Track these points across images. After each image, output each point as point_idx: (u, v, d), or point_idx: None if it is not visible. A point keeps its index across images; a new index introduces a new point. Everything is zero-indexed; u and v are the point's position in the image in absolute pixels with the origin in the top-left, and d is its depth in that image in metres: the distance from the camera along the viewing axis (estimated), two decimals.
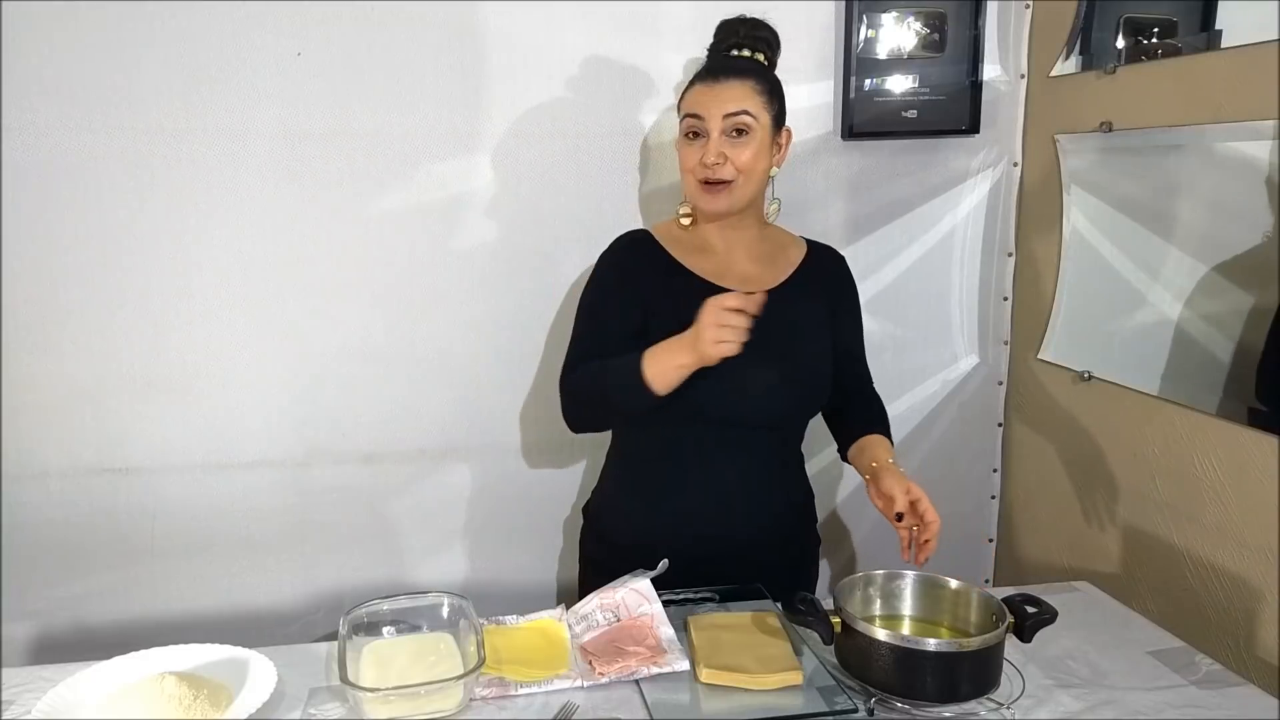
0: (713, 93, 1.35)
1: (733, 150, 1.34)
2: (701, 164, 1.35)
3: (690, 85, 1.39)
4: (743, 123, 1.34)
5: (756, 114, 1.35)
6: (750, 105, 1.34)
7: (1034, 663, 1.19)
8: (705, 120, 1.35)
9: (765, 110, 1.36)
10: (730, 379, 1.32)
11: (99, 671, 1.12)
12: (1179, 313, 1.49)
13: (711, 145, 1.34)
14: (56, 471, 1.66)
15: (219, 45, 1.59)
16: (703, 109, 1.35)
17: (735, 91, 1.35)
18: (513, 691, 1.12)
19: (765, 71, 1.41)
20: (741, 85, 1.35)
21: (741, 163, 1.35)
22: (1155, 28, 1.58)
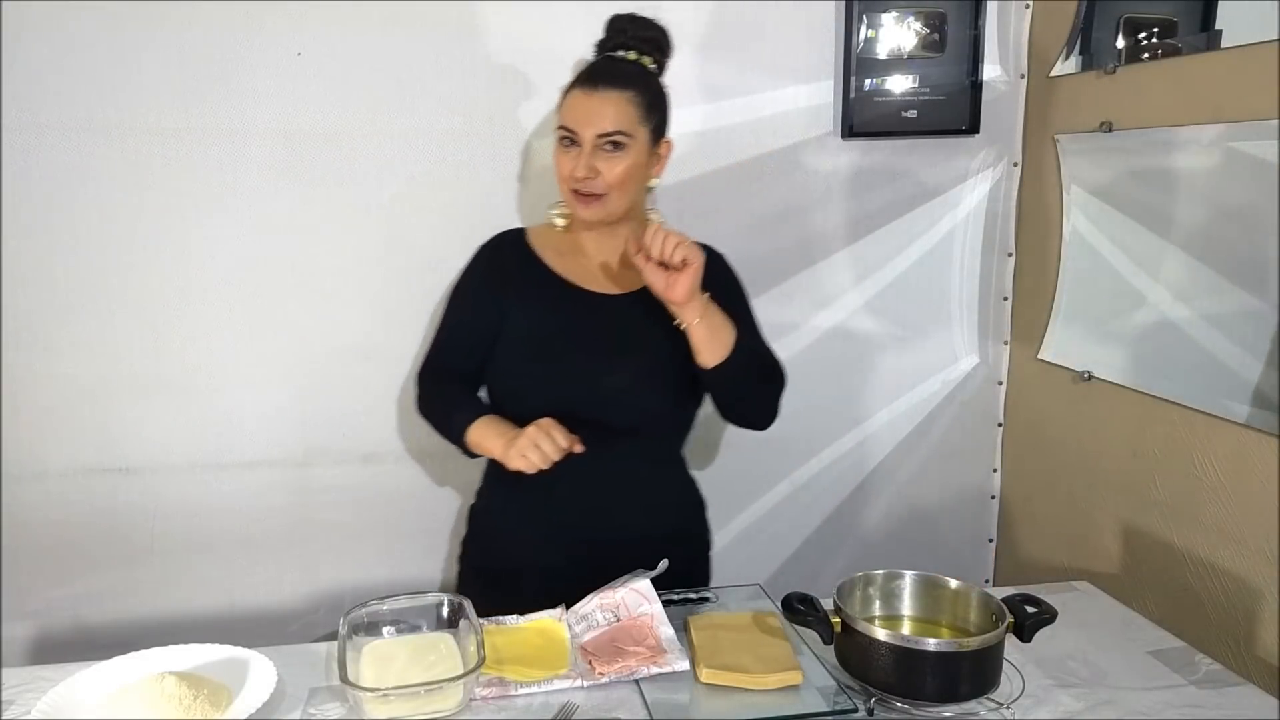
0: (588, 105, 1.32)
1: (605, 164, 1.32)
2: (573, 175, 1.32)
3: (571, 87, 1.35)
4: (618, 141, 1.32)
5: (631, 131, 1.32)
6: (625, 123, 1.31)
7: (1034, 663, 1.19)
8: (578, 135, 1.32)
9: (642, 124, 1.33)
10: (588, 381, 1.36)
11: (99, 671, 1.12)
12: (1179, 313, 1.49)
13: (583, 159, 1.31)
14: (56, 471, 1.66)
15: (219, 45, 1.59)
16: (576, 124, 1.32)
17: (611, 107, 1.31)
18: (513, 691, 1.12)
19: (648, 80, 1.37)
20: (619, 98, 1.31)
21: (613, 178, 1.32)
22: (1155, 28, 1.58)
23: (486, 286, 1.43)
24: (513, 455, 1.27)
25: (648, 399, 1.40)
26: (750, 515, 1.93)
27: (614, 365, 1.38)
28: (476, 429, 1.36)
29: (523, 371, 1.40)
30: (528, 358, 1.39)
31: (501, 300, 1.41)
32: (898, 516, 1.98)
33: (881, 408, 1.93)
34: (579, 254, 1.45)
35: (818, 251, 1.85)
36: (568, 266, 1.43)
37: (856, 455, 1.94)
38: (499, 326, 1.40)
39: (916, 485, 1.97)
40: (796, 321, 1.87)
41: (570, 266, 1.43)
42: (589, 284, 1.42)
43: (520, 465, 1.26)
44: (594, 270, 1.44)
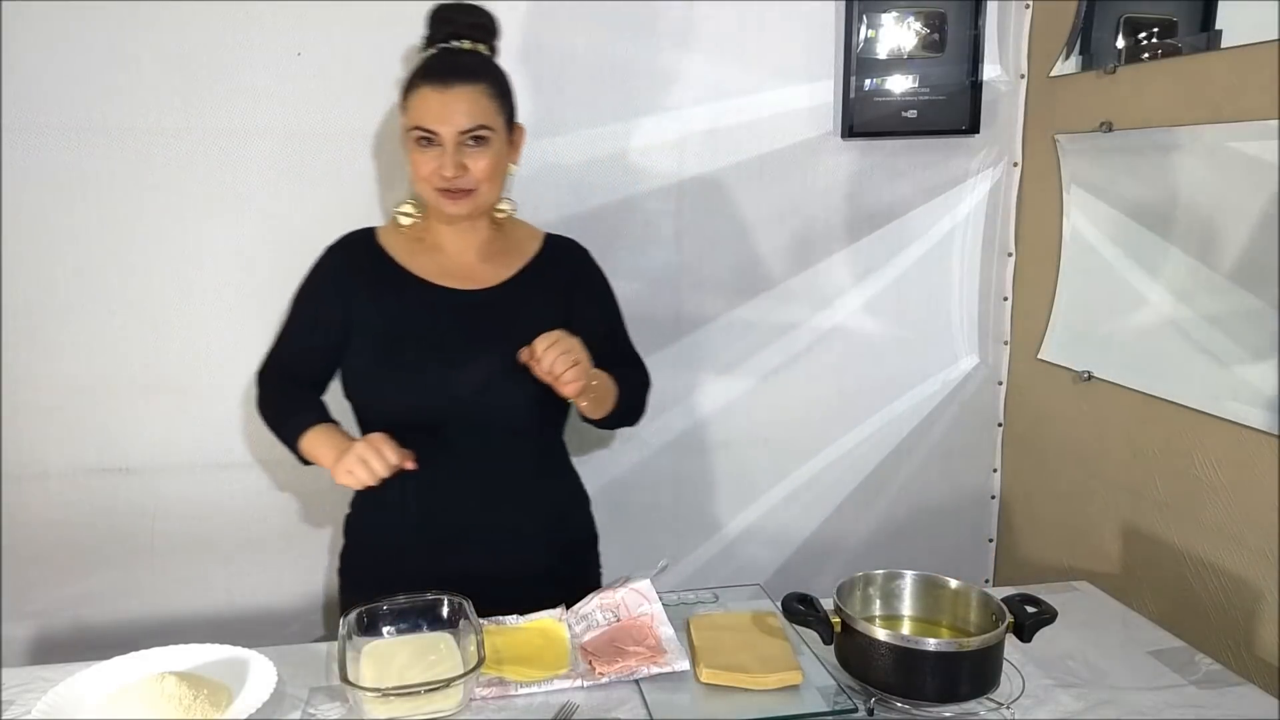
0: (444, 102, 1.28)
1: (471, 159, 1.30)
2: (439, 174, 1.30)
3: (415, 85, 1.31)
4: (480, 135, 1.30)
5: (491, 123, 1.30)
6: (485, 117, 1.29)
7: (1034, 663, 1.19)
8: (439, 135, 1.29)
9: (499, 115, 1.32)
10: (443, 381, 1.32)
11: (99, 671, 1.12)
12: (1179, 313, 1.49)
13: (449, 158, 1.29)
14: (56, 471, 1.66)
15: (219, 45, 1.59)
16: (435, 123, 1.28)
17: (467, 102, 1.28)
18: (513, 691, 1.12)
19: (494, 69, 1.35)
20: (474, 92, 1.29)
21: (481, 172, 1.31)
22: (1155, 28, 1.58)
23: (332, 288, 1.39)
24: (339, 471, 1.23)
25: (508, 398, 1.34)
26: (750, 515, 1.93)
27: (471, 364, 1.34)
28: (310, 438, 1.32)
29: (376, 374, 1.35)
30: (380, 359, 1.34)
31: (349, 302, 1.37)
32: (898, 516, 1.98)
33: (881, 408, 1.93)
34: (434, 251, 1.41)
35: (818, 251, 1.85)
36: (422, 264, 1.39)
37: (856, 455, 1.94)
38: (344, 329, 1.36)
39: (916, 485, 1.97)
40: (796, 321, 1.87)
41: (425, 264, 1.39)
42: (445, 280, 1.38)
43: (347, 481, 1.23)
44: (451, 267, 1.40)
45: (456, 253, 1.41)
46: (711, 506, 1.92)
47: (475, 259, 1.41)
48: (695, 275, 1.81)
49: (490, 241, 1.42)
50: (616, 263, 1.77)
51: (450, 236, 1.41)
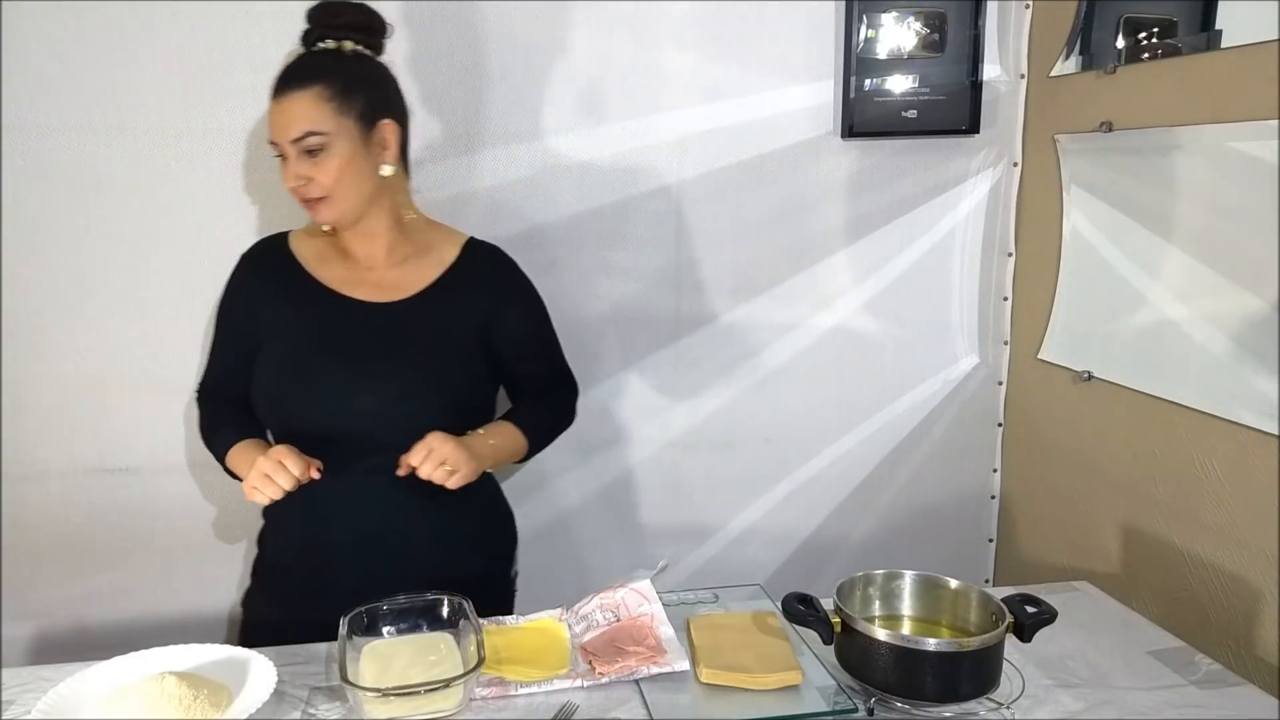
0: (278, 112, 1.26)
1: (313, 169, 1.26)
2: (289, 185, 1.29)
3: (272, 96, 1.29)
4: (315, 143, 1.25)
5: (324, 128, 1.25)
6: (315, 122, 1.24)
7: (1034, 663, 1.19)
8: (279, 146, 1.27)
9: (340, 116, 1.26)
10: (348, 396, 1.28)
11: (99, 671, 1.12)
12: (1179, 313, 1.49)
13: (290, 169, 1.27)
14: (56, 471, 1.66)
15: (219, 45, 1.59)
16: (275, 134, 1.27)
17: (297, 108, 1.25)
18: (513, 691, 1.12)
19: (340, 68, 1.28)
20: (304, 97, 1.24)
21: (327, 179, 1.27)
22: (1155, 28, 1.58)
23: (245, 299, 1.37)
24: (246, 489, 1.22)
25: (415, 412, 1.30)
26: (750, 515, 1.93)
27: (378, 378, 1.30)
28: (232, 456, 1.32)
29: (279, 388, 1.32)
30: (283, 372, 1.31)
31: (260, 312, 1.35)
32: (898, 516, 1.98)
33: (881, 408, 1.93)
34: (346, 258, 1.37)
35: (818, 251, 1.85)
36: (332, 272, 1.36)
37: (856, 455, 1.94)
38: (258, 341, 1.34)
39: (916, 485, 1.97)
40: (796, 321, 1.87)
41: (335, 272, 1.36)
42: (356, 291, 1.35)
43: (255, 498, 1.22)
44: (360, 276, 1.36)
45: (365, 258, 1.37)
46: (711, 506, 1.92)
47: (385, 265, 1.37)
48: (695, 275, 1.81)
49: (398, 246, 1.38)
50: (616, 263, 1.78)
51: (355, 242, 1.37)
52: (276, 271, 1.37)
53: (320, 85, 1.26)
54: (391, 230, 1.37)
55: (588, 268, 1.77)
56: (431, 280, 1.38)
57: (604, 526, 1.89)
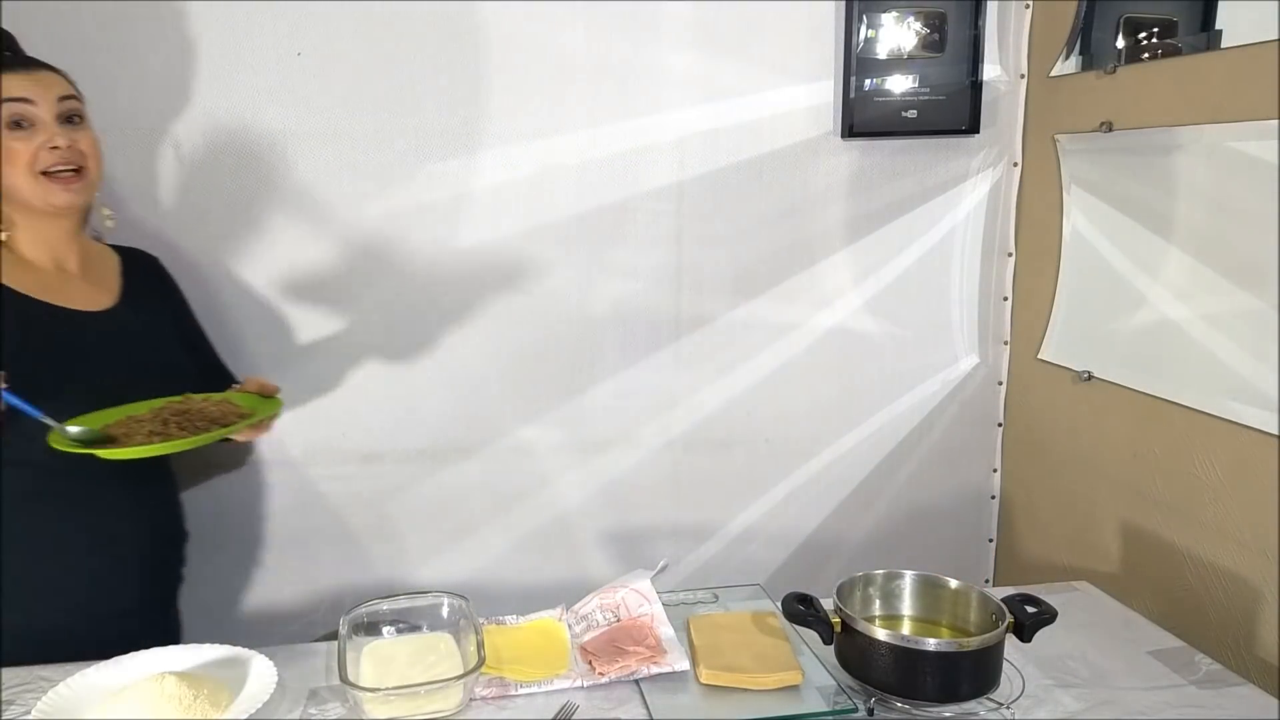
0: (32, 79, 1.23)
1: (75, 136, 1.24)
2: (47, 150, 1.22)
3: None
4: (75, 109, 1.26)
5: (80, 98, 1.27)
6: (72, 91, 1.27)
7: (1034, 663, 1.19)
8: (37, 105, 1.22)
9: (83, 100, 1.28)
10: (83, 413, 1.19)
11: (99, 671, 1.12)
12: (1179, 313, 1.49)
13: (53, 131, 1.23)
14: None
15: (219, 45, 1.59)
16: (30, 92, 1.22)
17: (52, 78, 1.25)
18: (513, 691, 1.12)
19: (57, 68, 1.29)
20: (53, 73, 1.26)
21: (88, 147, 1.26)
22: (1155, 28, 1.58)
23: None
24: None
25: None
26: (750, 515, 1.93)
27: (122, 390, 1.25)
28: None
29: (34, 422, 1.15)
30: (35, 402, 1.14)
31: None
32: (898, 516, 1.98)
33: (881, 408, 1.93)
34: (34, 270, 1.27)
35: (818, 251, 1.85)
36: (29, 285, 1.25)
37: (856, 455, 1.94)
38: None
39: (916, 485, 1.97)
40: (796, 321, 1.87)
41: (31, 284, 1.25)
42: (63, 301, 1.27)
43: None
44: (59, 286, 1.28)
45: (56, 268, 1.30)
46: (711, 506, 1.92)
47: (79, 274, 1.32)
48: (695, 275, 1.81)
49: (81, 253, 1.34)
50: (616, 263, 1.78)
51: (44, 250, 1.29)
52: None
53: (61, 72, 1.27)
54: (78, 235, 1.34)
55: (588, 268, 1.77)
56: (116, 289, 1.37)
57: (604, 526, 1.89)
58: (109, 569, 1.32)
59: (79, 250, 1.34)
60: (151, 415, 1.23)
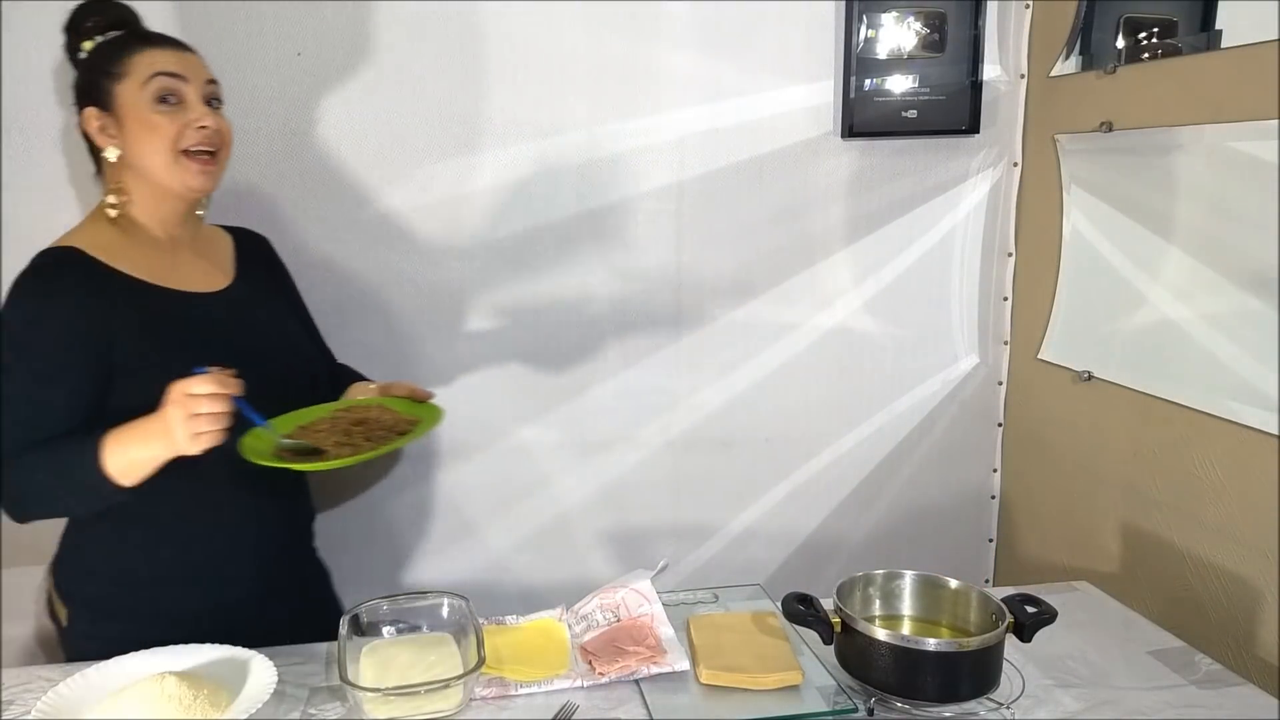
0: (182, 56, 1.23)
1: (215, 120, 1.23)
2: (194, 129, 1.20)
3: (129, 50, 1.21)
4: (218, 93, 1.26)
5: None
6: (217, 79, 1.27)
7: (1034, 663, 1.19)
8: (187, 81, 1.21)
9: None
10: None
11: (99, 671, 1.12)
12: (1179, 313, 1.49)
13: (201, 111, 1.21)
14: None
15: (219, 45, 1.58)
16: (182, 69, 1.21)
17: (200, 60, 1.25)
18: (513, 691, 1.12)
19: None
20: (201, 57, 1.26)
21: (227, 133, 1.25)
22: (1155, 28, 1.58)
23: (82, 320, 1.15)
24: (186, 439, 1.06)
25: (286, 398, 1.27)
26: (750, 515, 1.93)
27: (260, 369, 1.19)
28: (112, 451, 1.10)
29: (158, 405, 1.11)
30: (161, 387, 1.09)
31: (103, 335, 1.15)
32: (898, 516, 1.98)
33: (881, 408, 1.93)
34: (155, 255, 1.25)
35: (818, 251, 1.85)
36: (154, 272, 1.23)
37: (856, 455, 1.94)
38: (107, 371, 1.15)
39: (916, 485, 1.97)
40: (796, 321, 1.87)
41: (156, 271, 1.23)
42: (189, 284, 1.26)
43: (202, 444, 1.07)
44: (179, 269, 1.27)
45: (173, 252, 1.28)
46: (711, 506, 1.92)
47: (194, 257, 1.31)
48: (695, 275, 1.81)
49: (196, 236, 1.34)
50: (616, 263, 1.78)
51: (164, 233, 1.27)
52: (99, 284, 1.17)
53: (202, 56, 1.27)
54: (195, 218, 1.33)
55: (588, 268, 1.77)
56: (233, 266, 1.37)
57: (604, 526, 1.89)
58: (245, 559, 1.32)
59: (193, 231, 1.33)
60: (330, 424, 1.23)
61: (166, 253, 1.27)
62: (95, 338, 1.15)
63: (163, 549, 1.26)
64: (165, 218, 1.27)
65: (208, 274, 1.31)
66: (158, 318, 1.21)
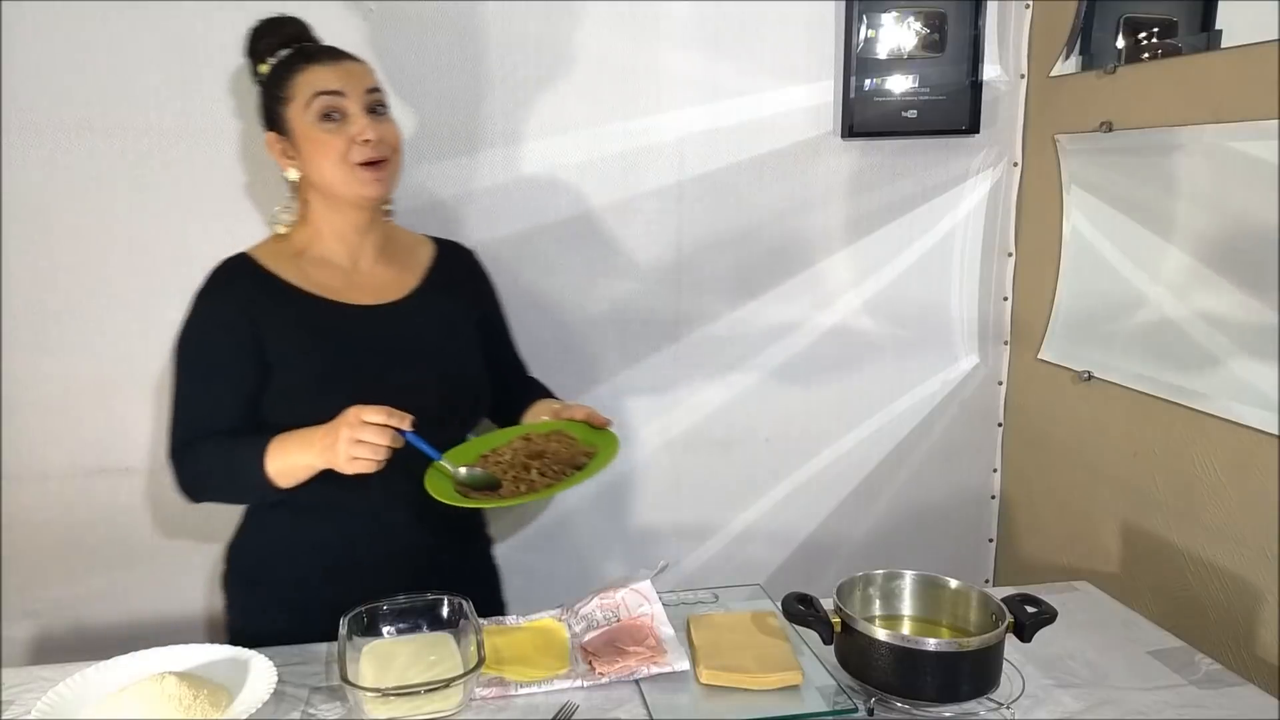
0: (341, 70, 1.26)
1: (380, 128, 1.26)
2: (358, 143, 1.24)
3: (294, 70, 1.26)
4: (382, 101, 1.29)
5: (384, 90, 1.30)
6: (378, 82, 1.29)
7: (1034, 663, 1.19)
8: (348, 97, 1.24)
9: None
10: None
11: (99, 671, 1.12)
12: (1179, 313, 1.49)
13: (363, 124, 1.24)
14: (56, 472, 1.66)
15: (219, 45, 1.59)
16: (341, 84, 1.24)
17: (361, 69, 1.28)
18: (513, 691, 1.12)
19: None
20: (361, 64, 1.29)
21: (394, 139, 1.28)
22: (1155, 28, 1.58)
23: (242, 326, 1.25)
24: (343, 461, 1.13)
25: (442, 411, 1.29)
26: (750, 515, 1.93)
27: (402, 383, 1.26)
28: (275, 455, 1.19)
29: (312, 410, 1.19)
30: (311, 393, 1.22)
31: (263, 340, 1.24)
32: (898, 516, 1.98)
33: (881, 408, 1.94)
34: (329, 265, 1.32)
35: (818, 251, 1.85)
36: (324, 283, 1.30)
37: (856, 455, 1.94)
38: (264, 373, 1.24)
39: (916, 485, 1.97)
40: (796, 321, 1.87)
41: (327, 282, 1.30)
42: (351, 297, 1.30)
43: (358, 468, 1.13)
44: (353, 280, 1.32)
45: (352, 264, 1.34)
46: (711, 506, 1.92)
47: (375, 268, 1.35)
48: (695, 275, 1.81)
49: (384, 246, 1.37)
50: (616, 263, 1.78)
51: (342, 246, 1.33)
52: (263, 292, 1.27)
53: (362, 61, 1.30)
54: (381, 226, 1.38)
55: (588, 268, 1.77)
56: (418, 280, 1.39)
57: (604, 526, 1.89)
58: None
59: (378, 240, 1.36)
60: (510, 454, 1.24)
61: (340, 265, 1.33)
62: (251, 338, 1.25)
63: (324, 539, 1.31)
64: (345, 231, 1.32)
65: (386, 284, 1.35)
66: (306, 324, 1.27)
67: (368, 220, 1.33)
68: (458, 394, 1.35)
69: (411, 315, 1.34)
